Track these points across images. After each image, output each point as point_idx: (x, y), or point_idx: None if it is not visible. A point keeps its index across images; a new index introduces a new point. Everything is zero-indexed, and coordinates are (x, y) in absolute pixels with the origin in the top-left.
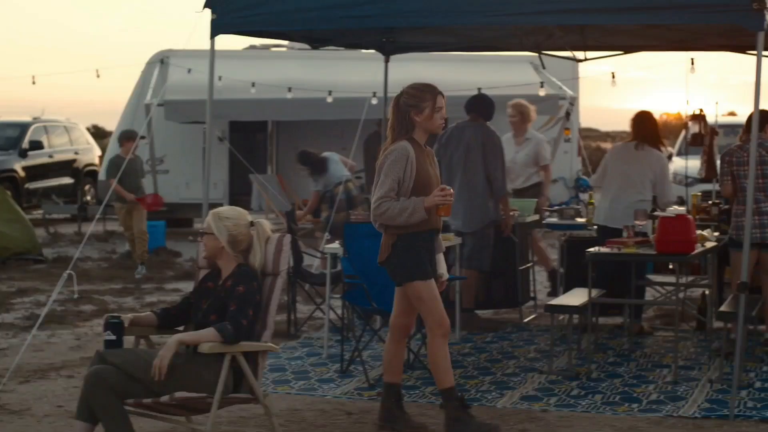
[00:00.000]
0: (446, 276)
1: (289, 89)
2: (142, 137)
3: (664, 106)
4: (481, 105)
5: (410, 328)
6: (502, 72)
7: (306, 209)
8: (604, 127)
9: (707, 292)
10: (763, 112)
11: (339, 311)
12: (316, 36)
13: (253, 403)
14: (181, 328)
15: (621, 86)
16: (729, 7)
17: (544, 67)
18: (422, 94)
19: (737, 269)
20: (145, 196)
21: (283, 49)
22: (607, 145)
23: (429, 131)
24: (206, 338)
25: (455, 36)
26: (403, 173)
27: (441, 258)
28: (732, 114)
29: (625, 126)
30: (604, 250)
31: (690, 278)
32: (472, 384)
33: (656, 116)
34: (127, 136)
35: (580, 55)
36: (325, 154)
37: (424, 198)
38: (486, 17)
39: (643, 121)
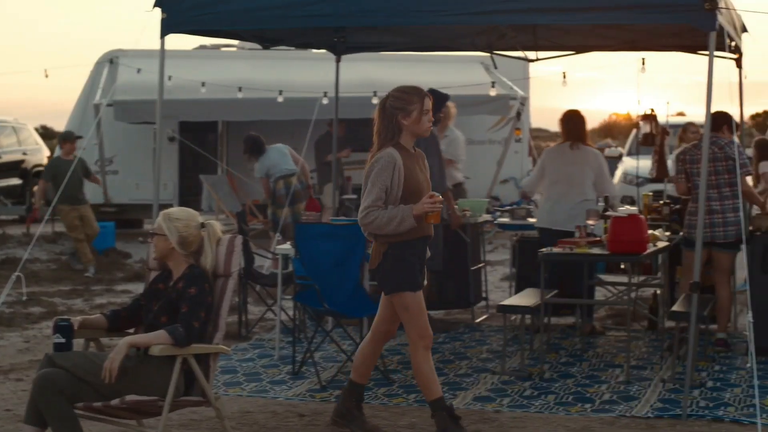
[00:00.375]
0: (424, 283)
1: (240, 89)
2: (79, 137)
3: (615, 106)
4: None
5: (392, 334)
6: (453, 72)
7: (266, 197)
8: (554, 127)
9: (658, 291)
10: (722, 113)
11: (290, 312)
12: (267, 36)
13: (205, 406)
14: (131, 330)
15: (572, 86)
16: (681, 7)
17: (496, 67)
18: (409, 96)
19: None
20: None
21: (233, 49)
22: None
23: (416, 135)
24: (157, 340)
25: (407, 36)
26: (391, 181)
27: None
28: (681, 114)
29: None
30: (556, 250)
31: (641, 278)
32: None
33: (606, 116)
34: (65, 137)
35: (531, 55)
36: (276, 145)
37: (413, 206)
38: (439, 17)
39: (572, 120)
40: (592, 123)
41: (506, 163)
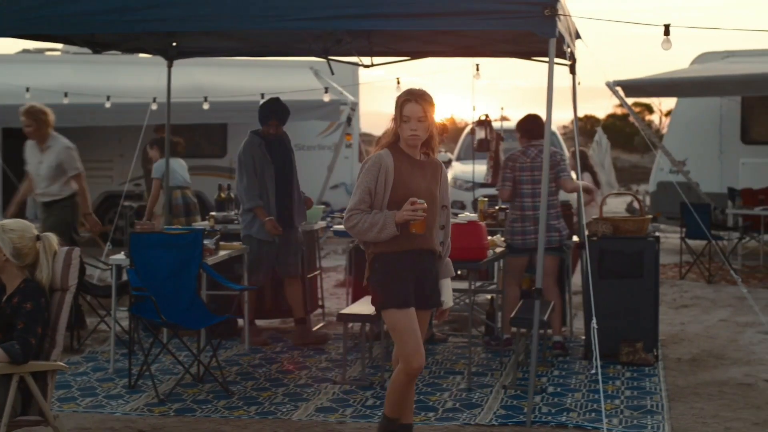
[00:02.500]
0: (448, 304)
1: (66, 94)
2: None
3: (450, 111)
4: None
5: (421, 356)
6: (285, 77)
7: (150, 199)
8: (380, 131)
9: (494, 297)
10: (534, 117)
11: (125, 324)
12: (98, 40)
13: (43, 426)
14: None
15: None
16: (521, 13)
17: (333, 73)
18: (398, 99)
19: (511, 274)
20: None
21: (58, 53)
22: None
23: (404, 142)
24: None
25: (242, 41)
26: (375, 184)
27: (446, 284)
28: (505, 119)
29: None
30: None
31: (478, 283)
32: (265, 396)
33: None
34: None
35: (366, 60)
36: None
37: (396, 212)
38: (275, 22)
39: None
40: None
41: (336, 169)
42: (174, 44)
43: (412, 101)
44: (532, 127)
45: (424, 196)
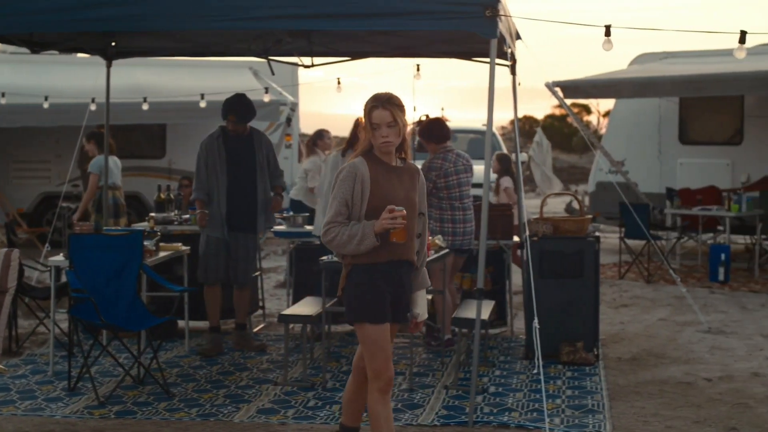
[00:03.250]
0: (423, 316)
1: (3, 94)
2: None
3: None
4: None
5: (391, 373)
6: (224, 78)
7: (87, 194)
8: None
9: (435, 298)
10: (439, 122)
11: (64, 326)
12: (36, 39)
13: None
14: None
15: (347, 92)
16: (462, 14)
17: (273, 74)
18: (365, 106)
19: (436, 275)
20: None
21: None
22: None
23: (377, 149)
24: None
25: (182, 41)
26: (352, 194)
27: (421, 296)
28: (445, 119)
29: (343, 131)
30: (337, 258)
31: None
32: (206, 398)
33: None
34: None
35: (307, 60)
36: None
37: (375, 222)
38: (215, 22)
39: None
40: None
41: None
42: (113, 44)
43: (379, 107)
44: (440, 132)
45: (403, 203)
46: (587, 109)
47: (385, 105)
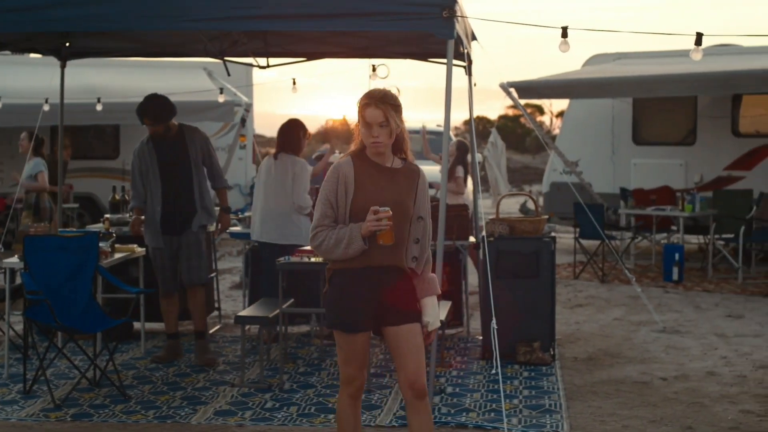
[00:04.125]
0: (434, 325)
1: None
2: None
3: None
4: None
5: (416, 381)
6: (179, 78)
7: (41, 192)
8: (271, 132)
9: None
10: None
11: (19, 328)
12: None
13: None
14: None
15: (303, 92)
16: (420, 15)
17: (229, 74)
18: (358, 104)
19: None
20: None
21: None
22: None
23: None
24: None
25: (137, 42)
26: (336, 195)
27: (431, 303)
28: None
29: None
30: (294, 259)
31: None
32: (163, 400)
33: (322, 122)
34: None
35: (262, 61)
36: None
37: (362, 224)
38: (172, 23)
39: (283, 130)
40: (309, 129)
41: (231, 170)
42: (67, 44)
43: (372, 105)
44: None
45: (390, 205)
46: (540, 110)
47: (377, 103)
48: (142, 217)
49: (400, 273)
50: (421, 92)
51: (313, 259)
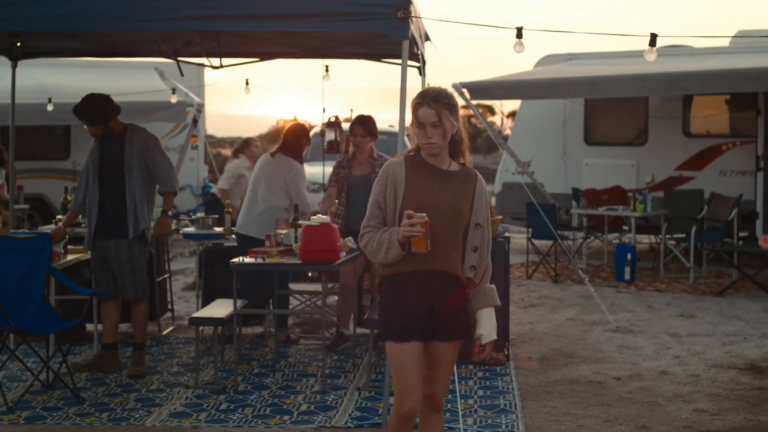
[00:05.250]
0: (488, 338)
1: None
2: None
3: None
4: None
5: (438, 397)
6: (131, 79)
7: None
8: (226, 133)
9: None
10: (372, 119)
11: None
12: None
13: None
14: None
15: (255, 93)
16: (374, 15)
17: (182, 75)
18: (413, 102)
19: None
20: None
21: None
22: (227, 152)
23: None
24: None
25: (89, 41)
26: (384, 196)
27: (486, 315)
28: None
29: (247, 132)
30: (248, 260)
31: (329, 285)
32: (117, 402)
33: (273, 122)
34: None
35: (215, 61)
36: None
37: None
38: (125, 23)
39: (286, 132)
40: (259, 129)
41: (183, 171)
42: (18, 44)
43: (425, 105)
44: (376, 130)
45: (441, 209)
46: (491, 110)
47: (430, 103)
48: (66, 229)
49: (455, 281)
50: (373, 93)
51: (268, 260)
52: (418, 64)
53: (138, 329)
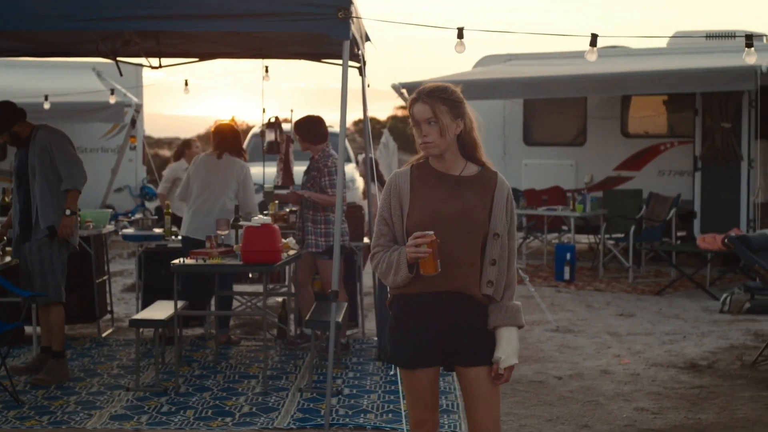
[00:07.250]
0: (507, 362)
1: None
2: None
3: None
4: None
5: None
6: (69, 79)
7: None
8: (163, 133)
9: (286, 299)
10: (318, 120)
11: None
12: None
13: None
14: None
15: (194, 93)
16: (315, 15)
17: (121, 75)
18: (409, 100)
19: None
20: None
21: None
22: (164, 153)
23: None
24: None
25: (28, 41)
26: (390, 211)
27: (505, 335)
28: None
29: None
30: (189, 261)
31: (270, 286)
32: (57, 405)
33: (211, 123)
34: None
35: (154, 61)
36: None
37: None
38: (64, 23)
39: (223, 132)
40: (197, 129)
41: (121, 172)
42: None
43: (419, 101)
44: (324, 130)
45: (452, 221)
46: None
47: (424, 98)
48: (7, 231)
49: (469, 301)
50: (312, 93)
51: (209, 261)
52: (358, 65)
53: (51, 335)
